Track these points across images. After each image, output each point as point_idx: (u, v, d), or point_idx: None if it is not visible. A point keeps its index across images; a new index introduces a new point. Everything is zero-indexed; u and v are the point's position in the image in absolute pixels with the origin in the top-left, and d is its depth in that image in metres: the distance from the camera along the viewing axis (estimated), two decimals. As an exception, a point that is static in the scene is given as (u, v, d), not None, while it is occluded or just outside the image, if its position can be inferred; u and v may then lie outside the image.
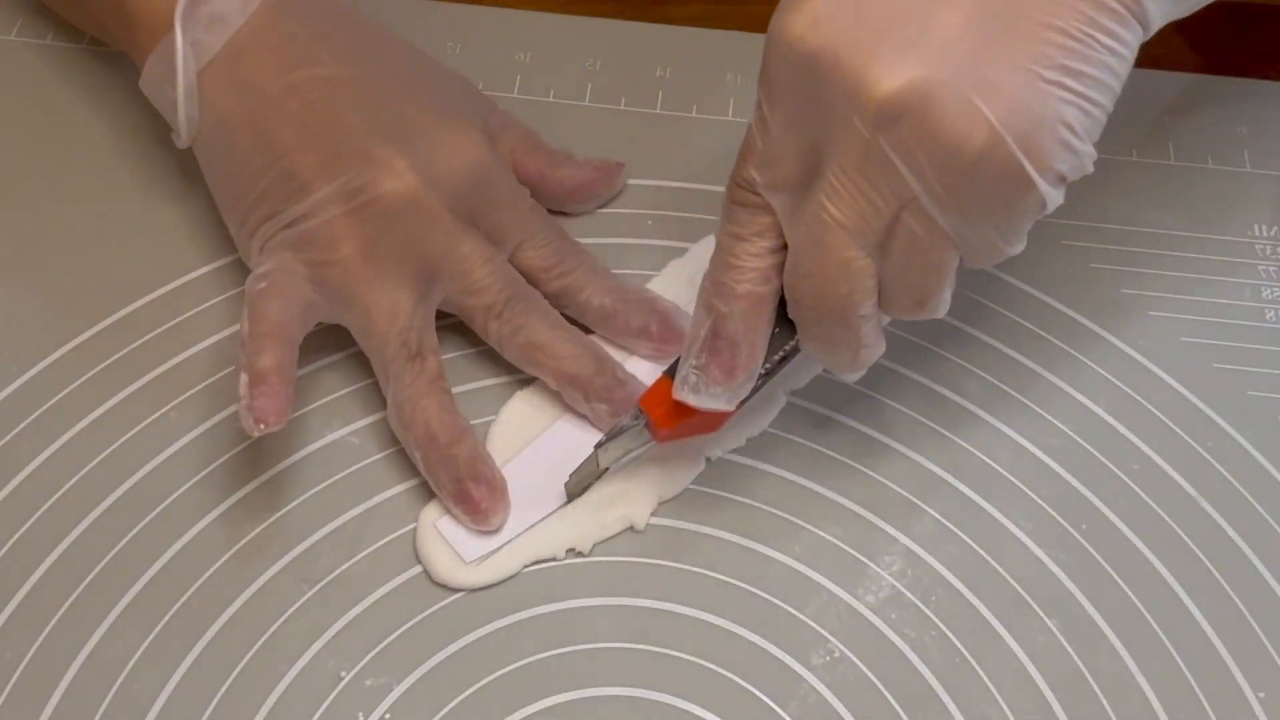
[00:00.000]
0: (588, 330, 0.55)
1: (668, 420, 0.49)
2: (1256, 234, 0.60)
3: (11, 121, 0.62)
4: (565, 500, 0.52)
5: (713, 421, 0.50)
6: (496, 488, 0.51)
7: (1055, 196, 0.44)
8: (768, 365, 0.49)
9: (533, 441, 0.53)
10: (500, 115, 0.58)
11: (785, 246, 0.47)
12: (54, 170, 0.60)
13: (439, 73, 0.58)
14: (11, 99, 0.62)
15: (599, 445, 0.51)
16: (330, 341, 0.55)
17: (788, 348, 0.49)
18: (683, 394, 0.48)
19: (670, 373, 0.49)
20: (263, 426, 0.48)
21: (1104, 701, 0.49)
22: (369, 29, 0.57)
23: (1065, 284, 0.58)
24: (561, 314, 0.54)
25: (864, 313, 0.47)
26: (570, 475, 0.51)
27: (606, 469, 0.52)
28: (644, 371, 0.54)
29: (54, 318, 0.56)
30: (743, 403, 0.49)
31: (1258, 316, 0.58)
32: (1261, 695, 0.49)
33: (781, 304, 0.48)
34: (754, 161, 0.46)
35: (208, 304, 0.56)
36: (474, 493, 0.50)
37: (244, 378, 0.49)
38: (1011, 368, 0.56)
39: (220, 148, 0.54)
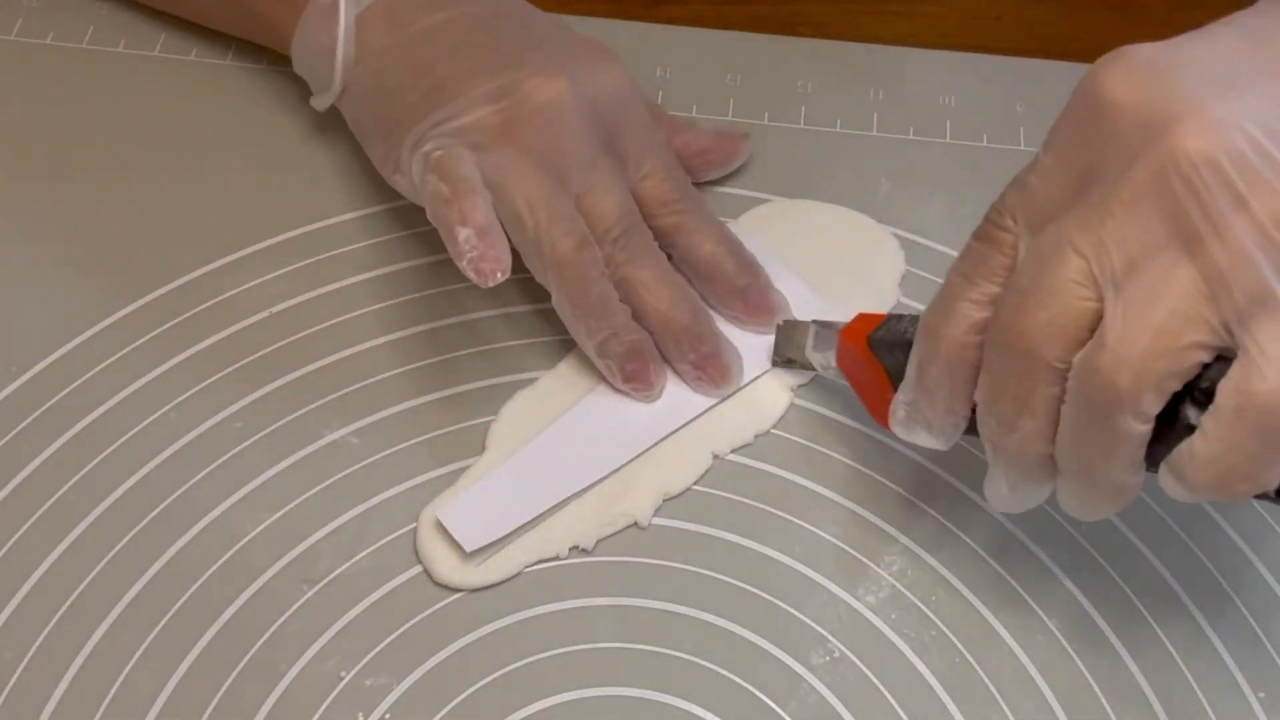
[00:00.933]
0: None
1: (851, 371, 0.51)
2: (1256, 234, 0.60)
3: (10, 122, 0.62)
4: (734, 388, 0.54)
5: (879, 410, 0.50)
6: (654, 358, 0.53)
7: None
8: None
9: (544, 430, 0.53)
10: None
11: None
12: (51, 171, 0.60)
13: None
14: (11, 99, 0.62)
15: (787, 359, 0.54)
16: (329, 341, 0.55)
17: None
18: (894, 426, 0.48)
19: (871, 340, 0.50)
20: (500, 275, 0.48)
21: (1104, 701, 0.49)
22: None
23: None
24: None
25: (1050, 358, 0.42)
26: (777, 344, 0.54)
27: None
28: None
29: (53, 318, 0.56)
30: None
31: (1258, 316, 0.58)
32: (1261, 695, 0.49)
33: None
34: (1013, 186, 0.44)
35: (208, 304, 0.56)
36: (639, 370, 0.53)
37: (463, 232, 0.49)
38: (1011, 368, 0.56)
39: (371, 82, 0.56)
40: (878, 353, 0.50)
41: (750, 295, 0.55)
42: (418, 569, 0.51)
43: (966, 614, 0.50)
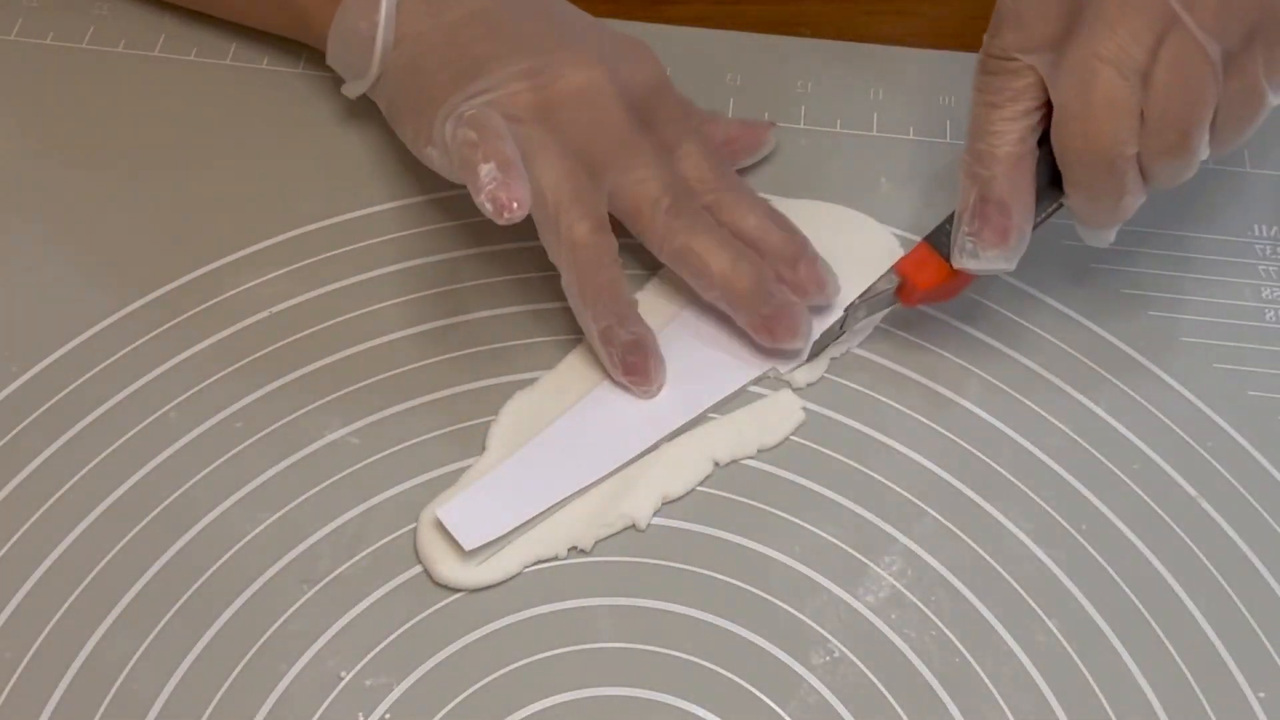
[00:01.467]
0: None
1: (927, 282, 0.53)
2: (1256, 234, 0.60)
3: (10, 123, 0.62)
4: (803, 360, 0.55)
5: (958, 288, 0.54)
6: (655, 354, 0.54)
7: None
8: (1034, 227, 0.52)
9: (544, 430, 0.53)
10: None
11: (1040, 107, 0.51)
12: (51, 171, 0.60)
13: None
14: (11, 99, 0.62)
15: (849, 307, 0.54)
16: (329, 341, 0.55)
17: (1051, 209, 0.53)
18: (962, 261, 0.52)
19: (930, 239, 0.54)
20: (517, 206, 0.48)
21: (1104, 701, 0.49)
22: None
23: (1065, 284, 0.58)
24: None
25: (1129, 152, 0.50)
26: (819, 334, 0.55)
27: (843, 332, 0.55)
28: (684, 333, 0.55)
29: (54, 317, 0.56)
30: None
31: (1258, 316, 0.58)
32: (1261, 695, 0.49)
33: (1040, 165, 0.52)
34: (1010, 27, 0.50)
35: (208, 304, 0.56)
36: (639, 364, 0.53)
37: (485, 167, 0.48)
38: (1011, 368, 0.56)
39: (408, 64, 0.56)
40: (937, 244, 0.53)
41: (800, 265, 0.55)
42: (418, 569, 0.51)
43: (966, 614, 0.50)
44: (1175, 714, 0.48)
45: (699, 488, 0.53)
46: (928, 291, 0.54)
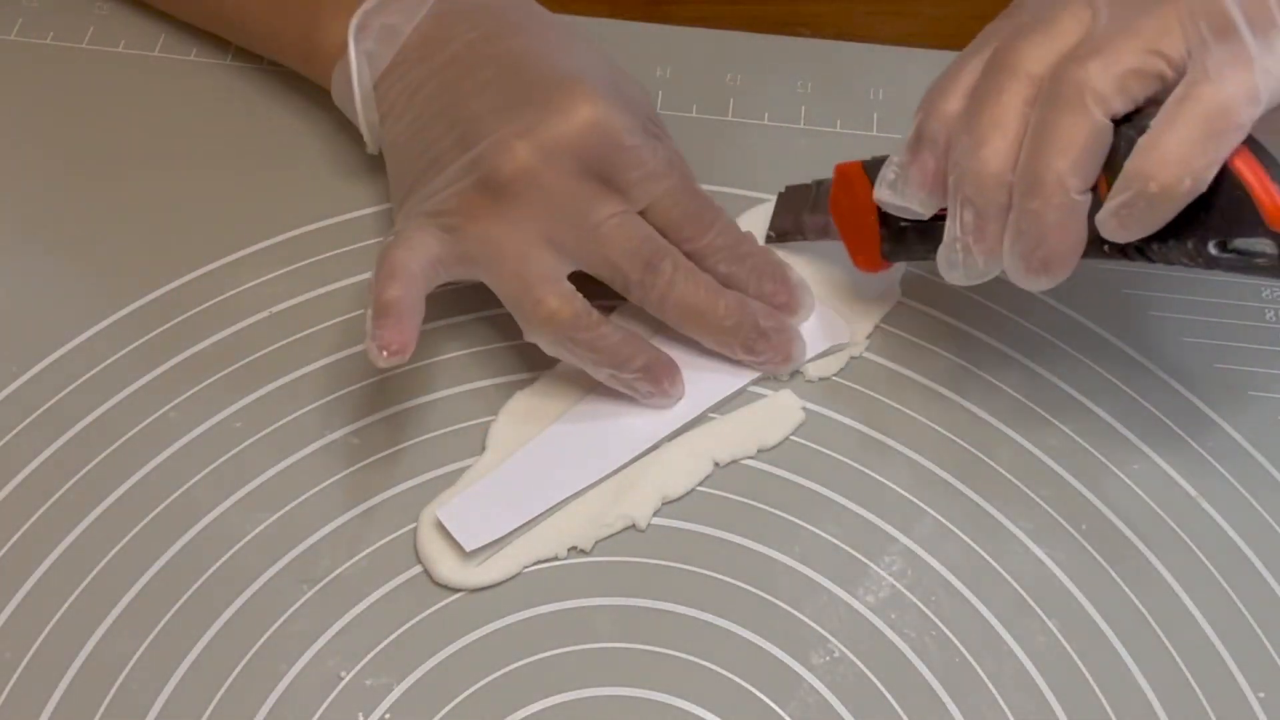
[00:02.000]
0: None
1: (845, 212, 0.54)
2: (1256, 234, 0.60)
3: (9, 123, 0.62)
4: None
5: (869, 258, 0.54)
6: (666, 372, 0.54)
7: None
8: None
9: (544, 430, 0.53)
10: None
11: None
12: (51, 171, 0.60)
13: (584, 48, 0.57)
14: (11, 99, 0.62)
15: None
16: (330, 341, 0.55)
17: None
18: (880, 192, 0.51)
19: (865, 164, 0.53)
20: (386, 355, 0.48)
21: (1104, 701, 0.49)
22: (533, 18, 0.57)
23: (1065, 284, 0.58)
24: None
25: (1040, 69, 0.47)
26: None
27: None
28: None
29: (54, 317, 0.56)
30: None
31: (1258, 316, 0.58)
32: (1261, 695, 0.49)
33: None
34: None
35: (208, 304, 0.56)
36: (654, 390, 0.53)
37: (368, 313, 0.49)
38: (1012, 368, 0.56)
39: (391, 145, 0.57)
40: (871, 174, 0.52)
41: (775, 298, 0.55)
42: (418, 569, 0.51)
43: (966, 614, 0.50)
44: (1175, 714, 0.48)
45: (699, 488, 0.53)
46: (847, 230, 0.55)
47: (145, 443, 0.53)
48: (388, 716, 0.48)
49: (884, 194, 0.51)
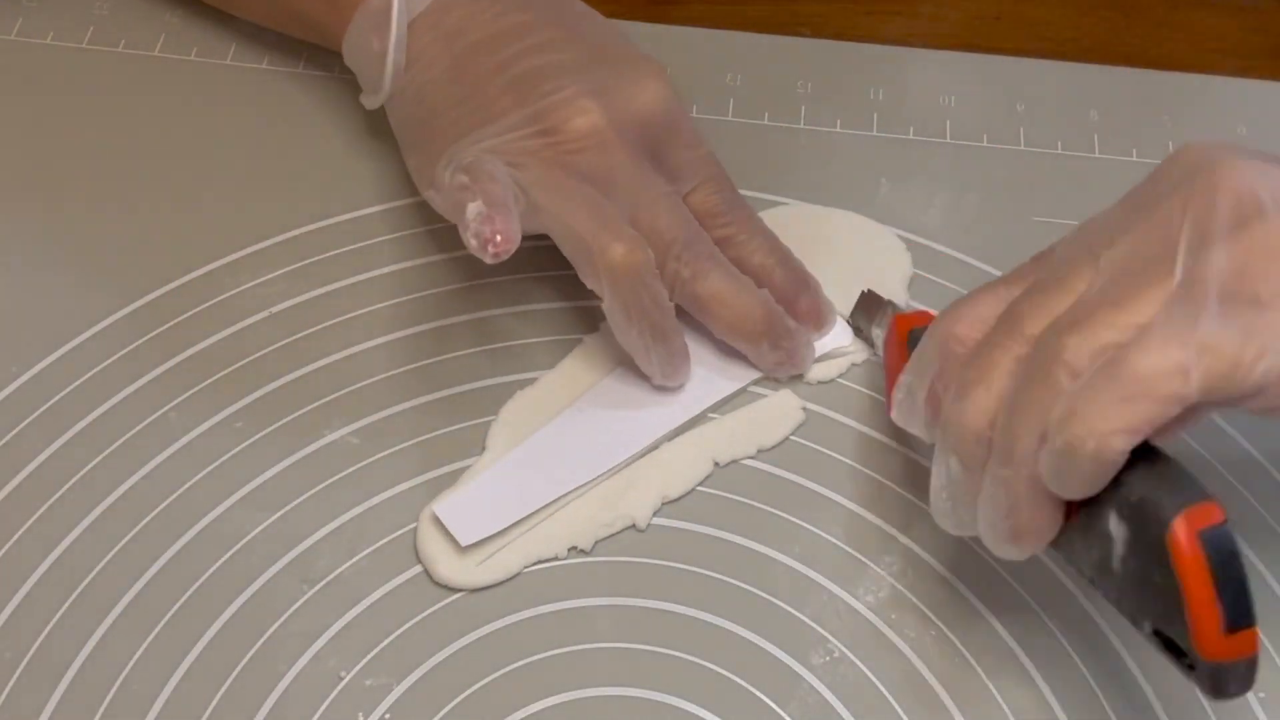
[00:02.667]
0: None
1: (888, 358, 0.53)
2: (1256, 234, 0.60)
3: (10, 122, 0.62)
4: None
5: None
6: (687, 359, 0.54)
7: None
8: None
9: (544, 427, 0.53)
10: None
11: None
12: (51, 171, 0.60)
13: (622, 34, 0.59)
14: (11, 99, 0.62)
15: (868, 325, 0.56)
16: (329, 341, 0.55)
17: None
18: (893, 413, 0.50)
19: (911, 333, 0.51)
20: (500, 239, 0.48)
21: (1104, 701, 0.49)
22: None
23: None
24: None
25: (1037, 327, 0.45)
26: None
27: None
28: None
29: (54, 317, 0.56)
30: None
31: (1258, 316, 0.58)
32: (1261, 695, 0.49)
33: None
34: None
35: (208, 304, 0.56)
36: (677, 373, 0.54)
37: (473, 206, 0.48)
38: (1011, 368, 0.56)
39: (416, 94, 0.56)
40: (912, 345, 0.50)
41: (799, 305, 0.55)
42: (418, 569, 0.51)
43: (966, 614, 0.50)
44: (1175, 714, 0.48)
45: (699, 488, 0.53)
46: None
47: (145, 443, 0.53)
48: (388, 716, 0.48)
49: (896, 416, 0.50)
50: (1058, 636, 0.50)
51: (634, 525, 0.52)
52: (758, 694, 0.48)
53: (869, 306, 0.56)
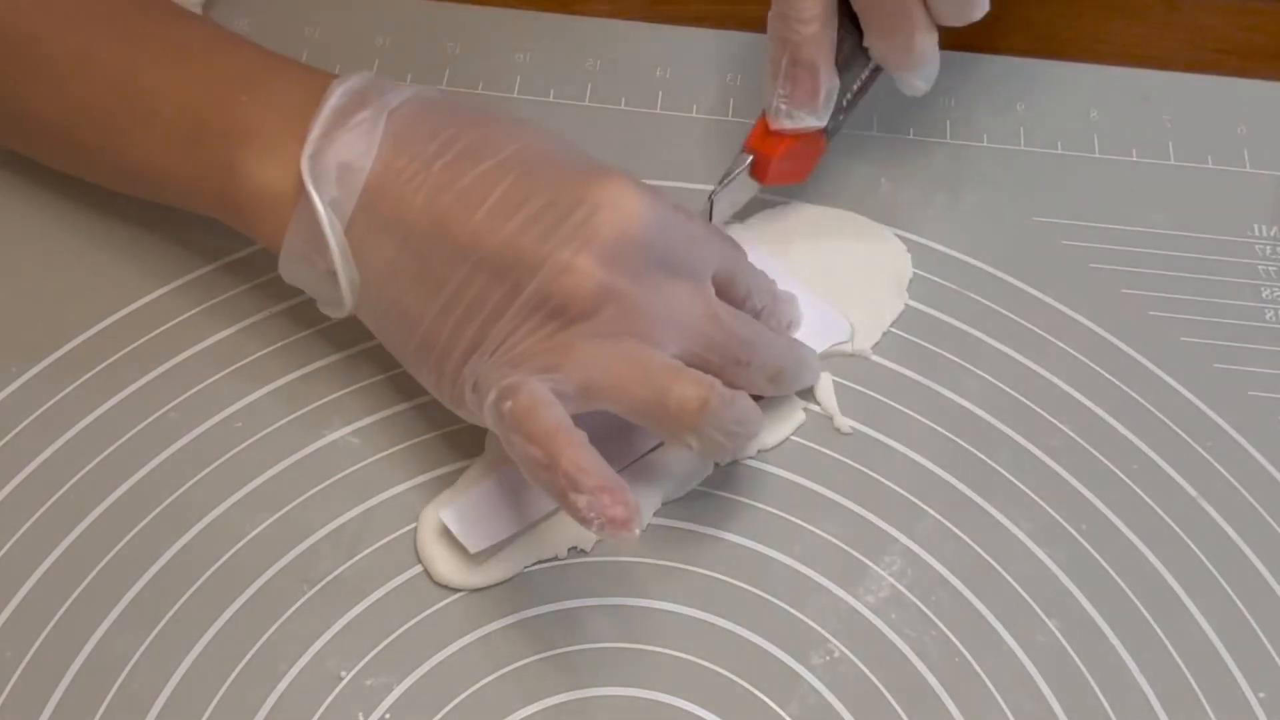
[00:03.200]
0: None
1: (773, 149, 0.56)
2: (1256, 234, 0.60)
3: (11, 121, 0.62)
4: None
5: (804, 167, 0.58)
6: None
7: None
8: (849, 96, 0.57)
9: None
10: None
11: None
12: (51, 171, 0.60)
13: (546, 132, 0.52)
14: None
15: (712, 194, 0.56)
16: (329, 341, 0.55)
17: (864, 75, 0.57)
18: (778, 122, 0.56)
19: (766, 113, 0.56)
20: (636, 523, 0.45)
21: (1104, 701, 0.49)
22: (494, 117, 0.52)
23: (1065, 284, 0.58)
24: None
25: None
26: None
27: (711, 218, 0.57)
28: None
29: (54, 318, 0.56)
30: (829, 137, 0.57)
31: (1258, 316, 0.58)
32: (1261, 695, 0.49)
33: (849, 27, 0.56)
34: None
35: (208, 304, 0.56)
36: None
37: (581, 500, 0.45)
38: (1012, 367, 0.56)
39: (390, 299, 0.50)
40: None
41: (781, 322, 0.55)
42: (418, 569, 0.51)
43: (966, 614, 0.50)
44: (1175, 714, 0.48)
45: (699, 488, 0.53)
46: (780, 163, 0.56)
47: (145, 443, 0.53)
48: (388, 716, 0.48)
49: (784, 124, 0.56)
50: (1058, 636, 0.50)
51: (634, 525, 0.52)
52: (758, 694, 0.48)
53: (722, 192, 0.57)
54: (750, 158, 0.56)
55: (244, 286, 0.57)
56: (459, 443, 0.53)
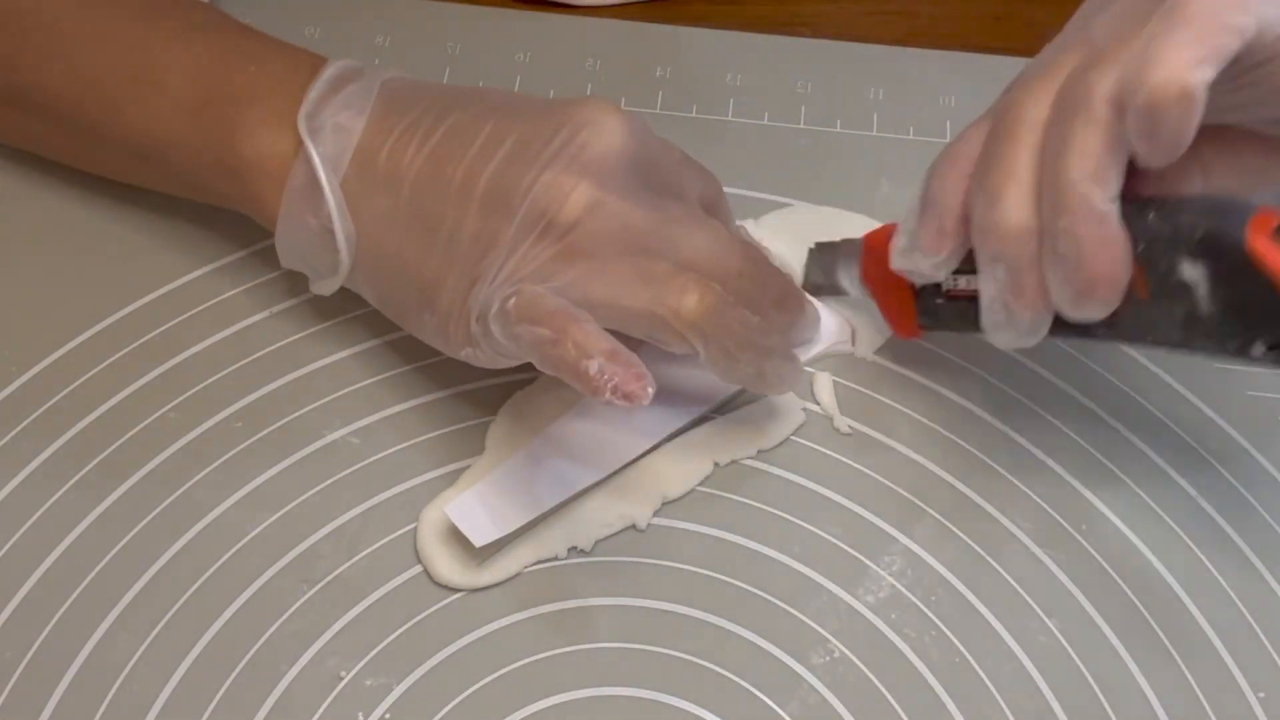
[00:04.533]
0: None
1: (874, 279, 0.53)
2: (1256, 234, 0.60)
3: (11, 121, 0.62)
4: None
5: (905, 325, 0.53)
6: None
7: None
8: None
9: (551, 425, 0.53)
10: None
11: None
12: (51, 171, 0.60)
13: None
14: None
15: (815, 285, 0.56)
16: (329, 341, 0.55)
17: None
18: (896, 261, 0.50)
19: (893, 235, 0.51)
20: (650, 389, 0.45)
21: (1104, 701, 0.49)
22: (483, 87, 0.54)
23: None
24: None
25: (1043, 113, 0.46)
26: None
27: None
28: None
29: (54, 317, 0.56)
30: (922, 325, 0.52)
31: (1258, 316, 0.58)
32: (1261, 695, 0.49)
33: None
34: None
35: (208, 304, 0.56)
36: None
37: (592, 365, 0.45)
38: (1012, 368, 0.56)
39: (389, 251, 0.50)
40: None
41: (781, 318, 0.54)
42: (418, 569, 0.51)
43: (966, 614, 0.50)
44: (1175, 714, 0.48)
45: (699, 488, 0.53)
46: (884, 301, 0.54)
47: (145, 443, 0.53)
48: (388, 716, 0.48)
49: (899, 262, 0.50)
50: (1058, 636, 0.50)
51: (634, 525, 0.52)
52: (758, 694, 0.48)
53: (826, 256, 0.56)
54: (857, 266, 0.54)
55: (244, 287, 0.57)
56: (459, 443, 0.53)
